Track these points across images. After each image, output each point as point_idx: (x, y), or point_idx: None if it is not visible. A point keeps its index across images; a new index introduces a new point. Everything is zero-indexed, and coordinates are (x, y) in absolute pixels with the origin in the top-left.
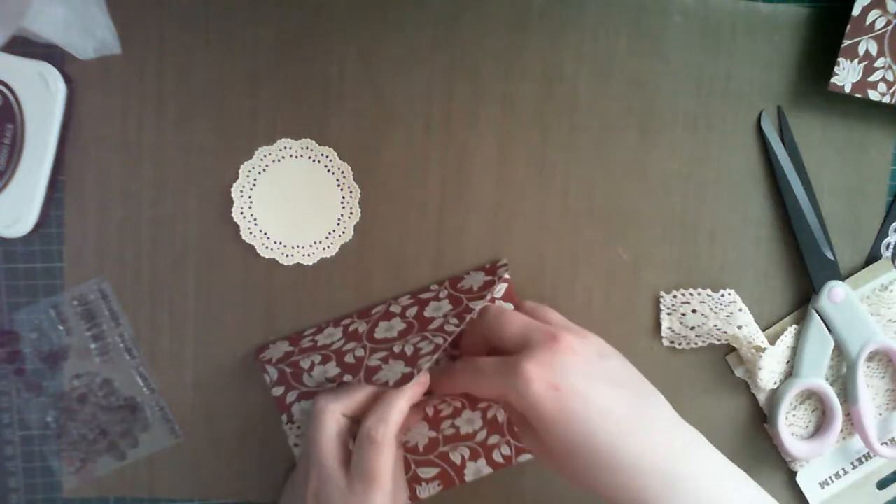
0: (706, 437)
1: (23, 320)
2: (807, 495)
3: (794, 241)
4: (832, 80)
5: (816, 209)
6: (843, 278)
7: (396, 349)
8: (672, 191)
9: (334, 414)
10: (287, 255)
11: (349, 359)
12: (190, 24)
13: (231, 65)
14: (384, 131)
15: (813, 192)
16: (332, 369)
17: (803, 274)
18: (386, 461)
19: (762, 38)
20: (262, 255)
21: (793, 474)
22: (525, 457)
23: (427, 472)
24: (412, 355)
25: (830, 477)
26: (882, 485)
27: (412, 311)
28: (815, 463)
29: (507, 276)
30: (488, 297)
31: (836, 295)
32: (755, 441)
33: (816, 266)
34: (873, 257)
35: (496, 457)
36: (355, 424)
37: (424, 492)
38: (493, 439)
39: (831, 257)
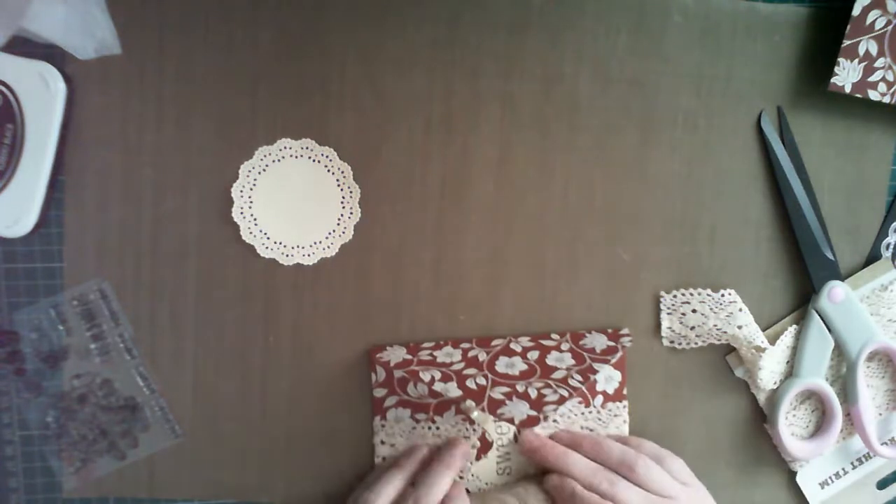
0: (706, 437)
1: (23, 320)
2: (807, 495)
3: (794, 241)
4: (832, 80)
5: (816, 209)
6: (843, 278)
7: (520, 388)
8: (672, 191)
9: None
10: (287, 255)
11: (471, 384)
12: (190, 25)
13: (231, 65)
14: (384, 131)
15: (813, 192)
16: (454, 390)
17: (803, 274)
18: None
19: (762, 38)
20: (262, 255)
21: (793, 474)
22: None
23: None
24: (536, 399)
25: (830, 477)
26: (882, 485)
27: (533, 355)
28: (815, 463)
29: (627, 343)
30: (612, 361)
31: (836, 295)
32: (755, 441)
33: (816, 266)
34: (873, 257)
35: None
36: None
37: None
38: None
39: (831, 257)
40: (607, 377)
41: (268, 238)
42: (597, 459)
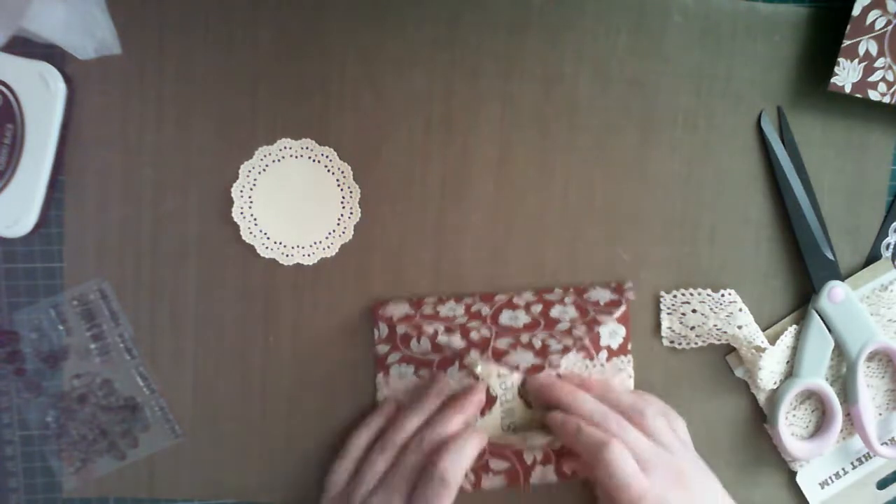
0: (706, 437)
1: (23, 320)
2: (807, 495)
3: (794, 241)
4: (832, 80)
5: (816, 209)
6: (843, 278)
7: (524, 339)
8: (672, 191)
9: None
10: (287, 255)
11: (474, 336)
12: (190, 25)
13: (231, 65)
14: (384, 131)
15: (813, 192)
16: (458, 341)
17: (803, 274)
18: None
19: (762, 38)
20: (262, 254)
21: (793, 474)
22: None
23: (498, 465)
24: (541, 349)
25: (830, 477)
26: (882, 485)
27: (536, 308)
28: (815, 463)
29: (631, 297)
30: (616, 314)
31: (836, 295)
32: (755, 441)
33: (816, 266)
34: (873, 257)
35: (565, 468)
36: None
37: (488, 482)
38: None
39: (831, 257)
40: (611, 332)
41: (268, 238)
42: (606, 404)
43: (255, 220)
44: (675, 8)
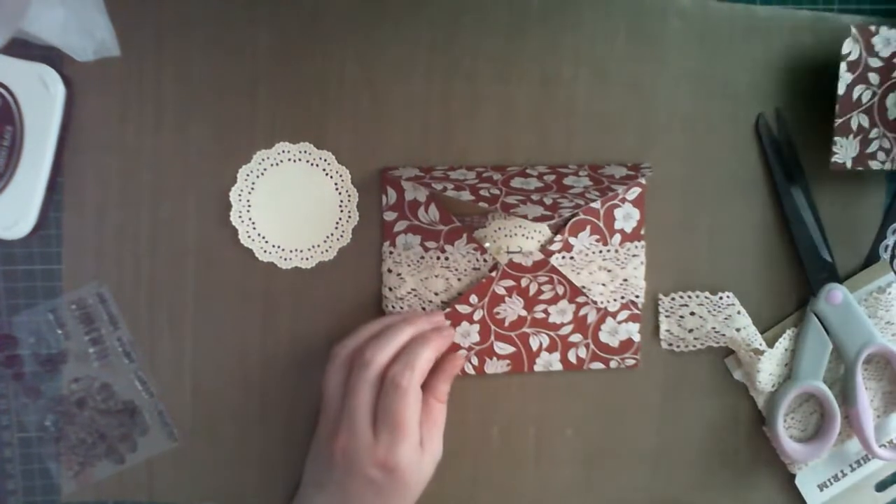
0: (705, 439)
1: (21, 324)
2: (805, 497)
3: (792, 244)
4: (832, 159)
5: (814, 211)
6: (841, 280)
7: (534, 198)
8: (670, 193)
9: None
10: (285, 259)
11: (484, 193)
12: (188, 27)
13: (229, 68)
14: (383, 134)
15: (811, 195)
16: (467, 195)
17: (801, 276)
18: (412, 409)
19: (760, 40)
20: (260, 258)
21: (791, 476)
22: (596, 365)
23: (502, 349)
24: (551, 205)
25: (829, 479)
26: (880, 487)
27: (550, 178)
28: (813, 465)
29: (644, 181)
30: (631, 188)
31: (834, 297)
32: (754, 443)
33: (814, 268)
34: (871, 259)
35: (570, 356)
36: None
37: (492, 367)
38: (575, 338)
39: (829, 259)
40: (626, 214)
41: (266, 242)
42: None
43: (253, 223)
44: (673, 11)
